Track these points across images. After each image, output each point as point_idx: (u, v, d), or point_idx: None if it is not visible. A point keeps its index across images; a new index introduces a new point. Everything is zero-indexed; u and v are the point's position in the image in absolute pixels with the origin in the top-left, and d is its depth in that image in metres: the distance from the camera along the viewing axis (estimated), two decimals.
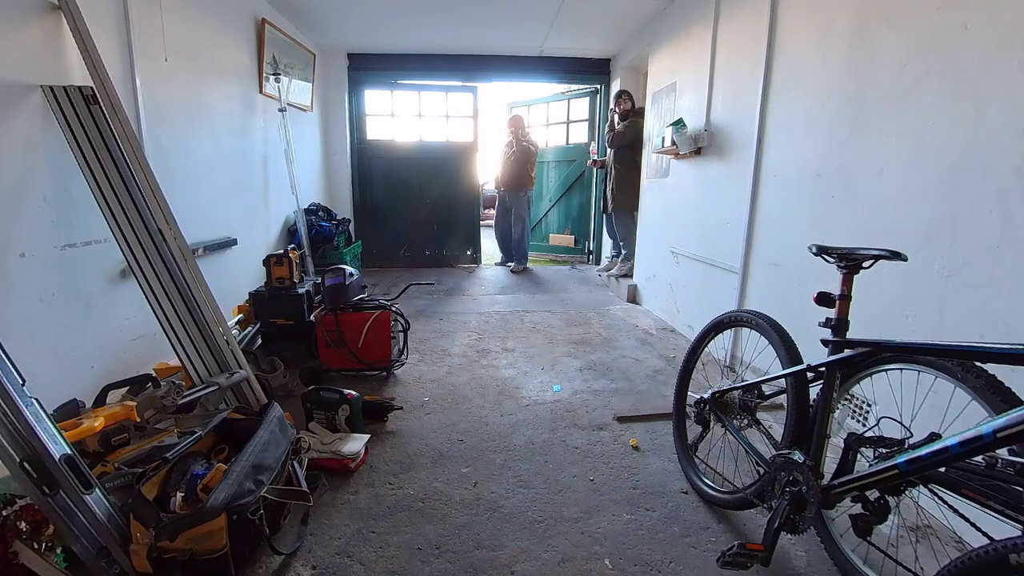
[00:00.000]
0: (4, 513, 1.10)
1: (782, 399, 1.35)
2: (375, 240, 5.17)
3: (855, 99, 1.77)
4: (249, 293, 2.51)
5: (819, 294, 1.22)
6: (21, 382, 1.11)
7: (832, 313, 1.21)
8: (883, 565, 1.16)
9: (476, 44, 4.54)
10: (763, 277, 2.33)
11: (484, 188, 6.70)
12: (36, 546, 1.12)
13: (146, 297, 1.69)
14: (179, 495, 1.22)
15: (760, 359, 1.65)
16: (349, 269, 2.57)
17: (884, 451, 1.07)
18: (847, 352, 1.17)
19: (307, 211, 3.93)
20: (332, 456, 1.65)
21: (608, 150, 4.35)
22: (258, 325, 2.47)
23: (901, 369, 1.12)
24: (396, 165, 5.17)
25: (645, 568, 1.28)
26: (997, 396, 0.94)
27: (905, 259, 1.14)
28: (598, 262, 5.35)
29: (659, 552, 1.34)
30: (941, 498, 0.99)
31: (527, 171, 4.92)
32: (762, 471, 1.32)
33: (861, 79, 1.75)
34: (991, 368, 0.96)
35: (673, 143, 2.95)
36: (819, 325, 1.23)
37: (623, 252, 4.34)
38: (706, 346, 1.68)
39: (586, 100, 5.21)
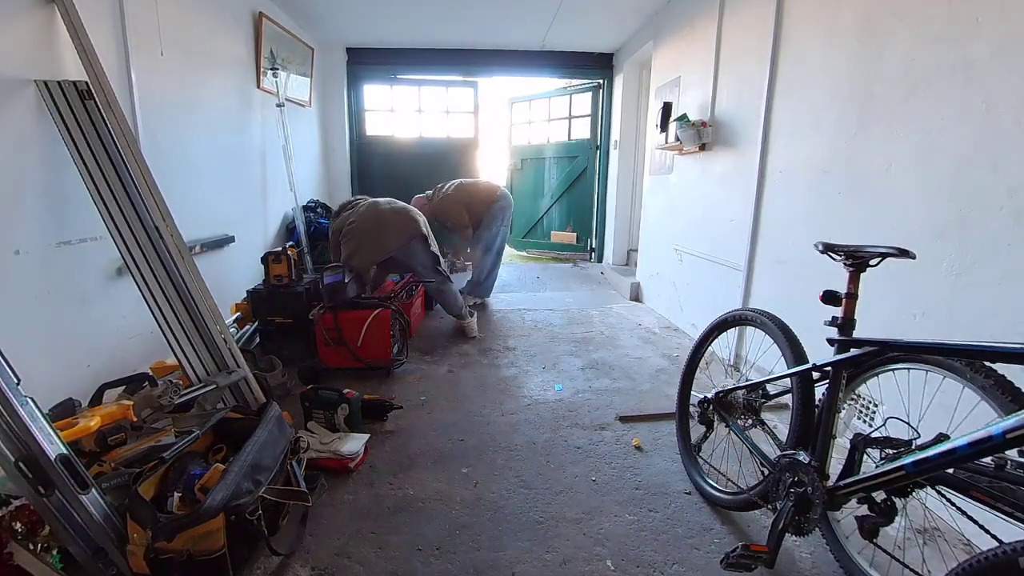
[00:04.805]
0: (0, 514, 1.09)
1: (787, 399, 1.34)
2: None
3: (863, 94, 1.75)
4: (247, 291, 2.50)
5: (825, 292, 1.21)
6: (16, 381, 1.09)
7: (838, 312, 1.19)
8: (889, 567, 1.15)
9: (477, 38, 4.50)
10: (768, 275, 2.30)
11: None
12: (32, 547, 1.11)
13: (143, 295, 1.67)
14: (176, 495, 1.20)
15: (765, 358, 1.63)
16: (348, 267, 2.55)
17: (891, 452, 1.06)
18: (853, 351, 1.15)
19: (306, 208, 3.91)
20: (331, 456, 1.64)
21: None
22: (256, 323, 2.46)
23: (908, 369, 1.10)
24: (396, 161, 5.13)
25: (647, 569, 1.27)
26: (1007, 396, 0.92)
27: (913, 257, 1.12)
28: (600, 259, 5.33)
29: (662, 553, 1.32)
30: (949, 500, 0.97)
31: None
32: (766, 472, 1.30)
33: (869, 73, 1.72)
34: (1001, 368, 0.94)
35: (677, 139, 2.92)
36: (825, 324, 1.21)
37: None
38: (710, 345, 1.66)
39: (588, 95, 5.17)
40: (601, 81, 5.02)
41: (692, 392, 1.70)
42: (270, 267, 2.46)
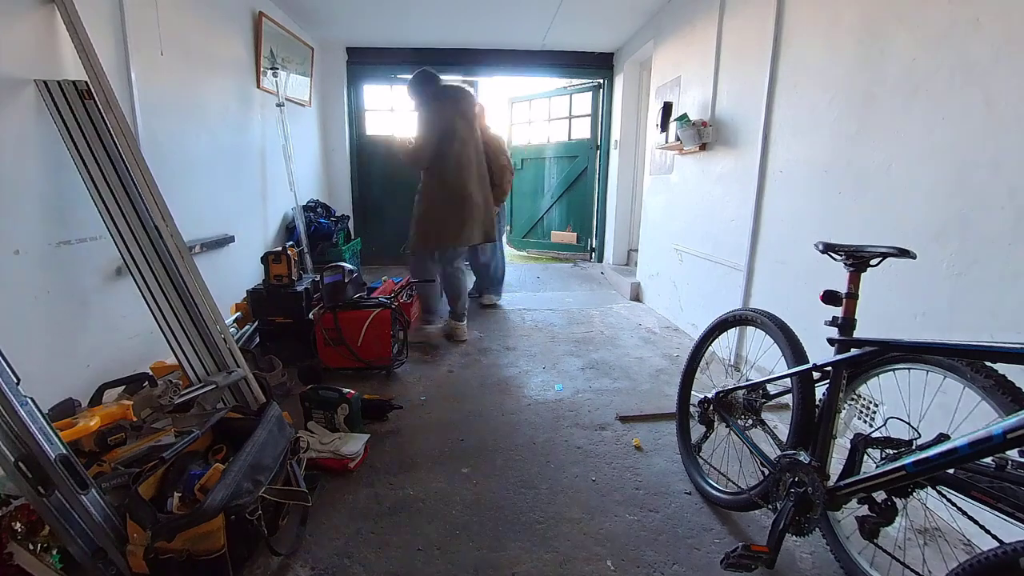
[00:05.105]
0: None
1: (787, 399, 1.33)
2: (374, 237, 5.14)
3: (863, 94, 1.74)
4: (247, 291, 2.50)
5: (825, 292, 1.20)
6: (16, 381, 1.09)
7: (839, 311, 1.19)
8: (890, 568, 1.15)
9: (477, 37, 4.50)
10: (769, 275, 2.30)
11: None
12: (31, 547, 1.10)
13: (142, 295, 1.67)
14: (176, 495, 1.20)
15: (765, 358, 1.63)
16: (348, 267, 2.55)
17: (891, 452, 1.06)
18: (854, 351, 1.15)
19: (305, 208, 3.91)
20: (331, 456, 1.64)
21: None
22: (256, 323, 2.45)
23: (909, 369, 1.10)
24: (396, 161, 5.11)
25: (648, 569, 1.27)
26: (1007, 396, 0.92)
27: (914, 256, 1.12)
28: (600, 259, 5.33)
29: (662, 553, 1.32)
30: (949, 500, 0.97)
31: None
32: (767, 472, 1.30)
33: (869, 73, 1.72)
34: (1001, 368, 0.94)
35: (677, 138, 2.92)
36: (825, 324, 1.21)
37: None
38: (710, 345, 1.66)
39: (588, 95, 5.17)
40: (601, 81, 5.02)
41: (692, 392, 1.70)
42: (270, 267, 2.46)
